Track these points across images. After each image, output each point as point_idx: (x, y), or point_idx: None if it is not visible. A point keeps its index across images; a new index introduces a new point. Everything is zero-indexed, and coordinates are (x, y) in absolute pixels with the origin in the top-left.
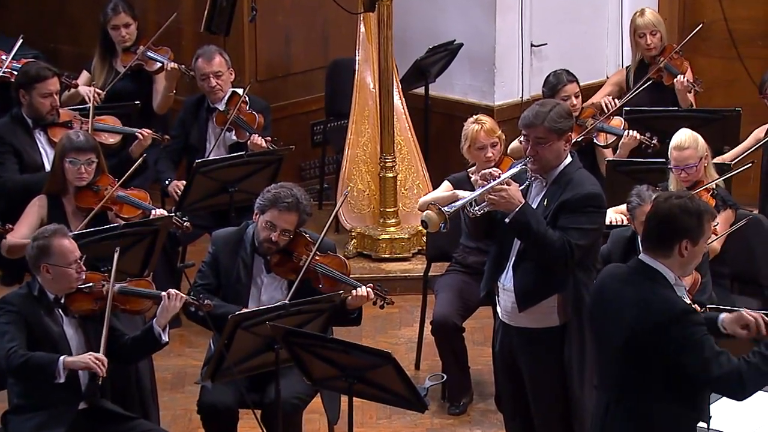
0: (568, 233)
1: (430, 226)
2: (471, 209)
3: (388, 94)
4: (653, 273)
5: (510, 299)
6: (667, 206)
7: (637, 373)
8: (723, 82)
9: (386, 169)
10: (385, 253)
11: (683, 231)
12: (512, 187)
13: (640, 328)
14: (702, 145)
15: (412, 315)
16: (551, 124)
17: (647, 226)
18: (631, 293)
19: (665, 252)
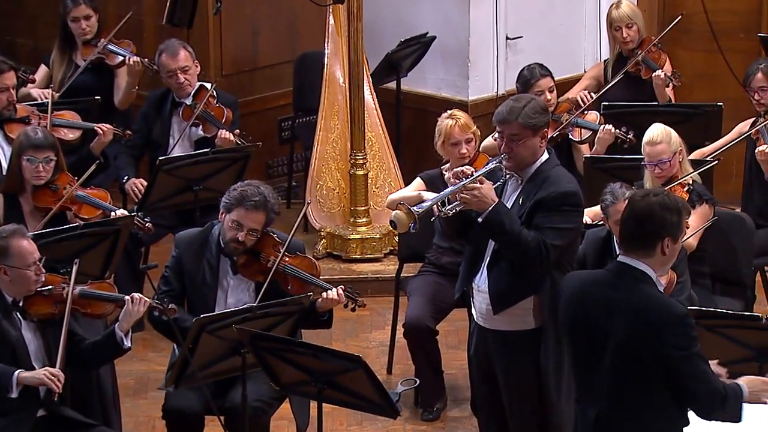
0: (543, 233)
1: (398, 226)
2: (443, 208)
3: (358, 88)
4: (640, 274)
5: (485, 301)
6: (646, 204)
7: (635, 382)
8: (704, 76)
9: (357, 167)
10: (356, 253)
11: (664, 229)
12: (485, 185)
13: (637, 335)
14: (675, 140)
15: (384, 318)
16: (526, 120)
17: (625, 226)
18: (622, 298)
19: (647, 252)
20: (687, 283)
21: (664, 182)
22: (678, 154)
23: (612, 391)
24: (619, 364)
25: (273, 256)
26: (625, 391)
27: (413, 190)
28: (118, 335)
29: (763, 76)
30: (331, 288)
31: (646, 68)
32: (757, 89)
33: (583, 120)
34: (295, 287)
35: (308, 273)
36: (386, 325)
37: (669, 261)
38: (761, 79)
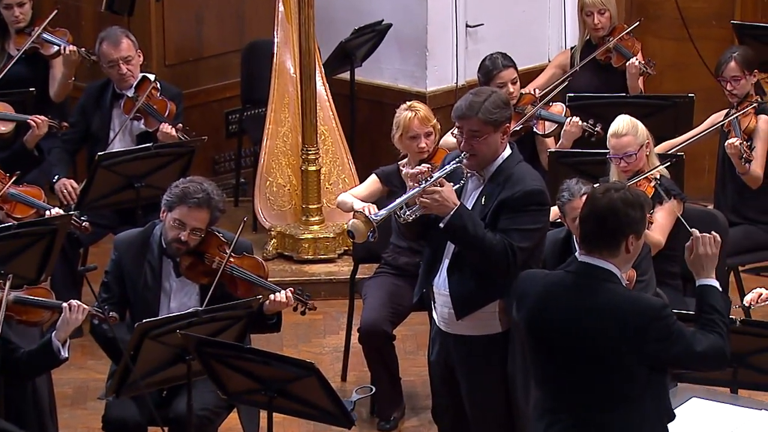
0: (509, 235)
1: (357, 236)
2: (402, 213)
3: (309, 79)
4: (604, 274)
5: (446, 304)
6: (607, 201)
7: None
8: (674, 65)
9: (308, 162)
10: (308, 254)
11: (628, 226)
12: (446, 188)
13: (613, 336)
14: (642, 132)
15: (338, 322)
16: (486, 115)
17: (586, 224)
18: (591, 301)
19: (611, 251)
20: (651, 282)
21: (630, 176)
22: (645, 147)
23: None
24: (596, 368)
25: (218, 257)
26: (604, 394)
27: (368, 188)
28: (55, 345)
29: (737, 65)
30: (280, 290)
31: (618, 56)
32: (730, 79)
33: (547, 112)
34: (242, 290)
35: (256, 275)
36: (340, 329)
37: (632, 258)
38: (734, 68)
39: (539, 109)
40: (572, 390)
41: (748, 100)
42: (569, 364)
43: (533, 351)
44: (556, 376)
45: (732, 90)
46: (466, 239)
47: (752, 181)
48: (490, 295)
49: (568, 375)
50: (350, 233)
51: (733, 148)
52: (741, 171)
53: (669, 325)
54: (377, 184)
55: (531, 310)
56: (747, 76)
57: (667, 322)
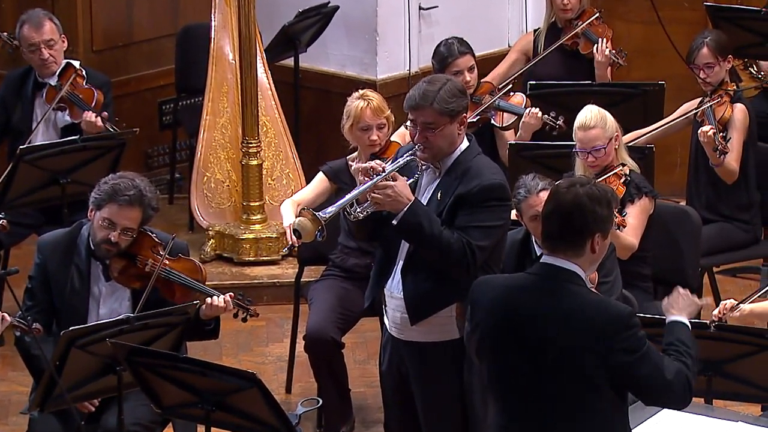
0: (467, 233)
1: (303, 235)
2: (352, 211)
3: (250, 66)
4: (569, 275)
5: (399, 309)
6: (572, 197)
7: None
8: (643, 51)
9: (249, 156)
10: (249, 255)
11: (595, 224)
12: (399, 182)
13: (578, 343)
14: (611, 124)
15: (282, 329)
16: (442, 105)
17: (549, 222)
18: (555, 304)
19: (576, 250)
20: (616, 284)
21: (597, 172)
22: (614, 140)
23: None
24: (559, 378)
25: (152, 259)
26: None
27: (314, 189)
28: None
29: (710, 51)
30: (218, 295)
31: (586, 42)
32: (703, 66)
33: (506, 103)
34: (178, 294)
35: (192, 278)
36: (284, 337)
37: (598, 259)
38: (707, 54)
39: (498, 99)
40: (534, 401)
41: (722, 88)
42: (531, 373)
43: (492, 359)
44: (516, 386)
45: (705, 78)
46: (421, 237)
47: (727, 175)
48: (446, 298)
49: (529, 385)
50: (296, 232)
51: (707, 138)
52: (715, 163)
53: (637, 337)
54: (325, 182)
55: (492, 313)
56: (721, 63)
57: (635, 332)
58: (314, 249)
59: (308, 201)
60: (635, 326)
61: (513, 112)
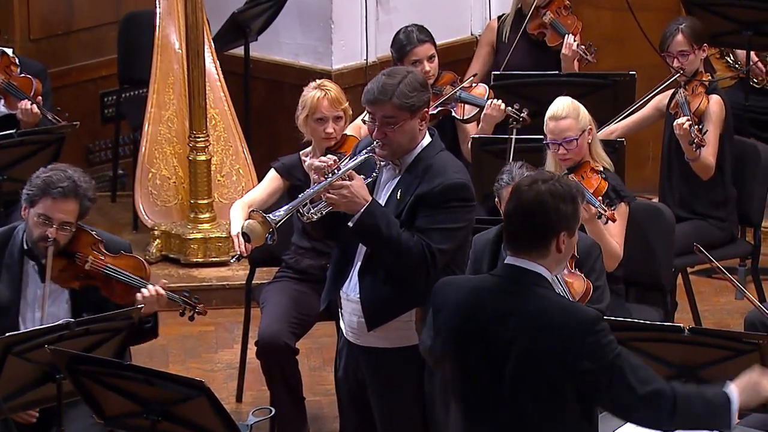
0: (427, 235)
1: (253, 238)
2: (305, 212)
3: (197, 55)
4: (535, 277)
5: (356, 313)
6: (534, 194)
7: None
8: (613, 39)
9: (197, 151)
10: (197, 256)
11: (559, 222)
12: (355, 181)
13: (542, 348)
14: (584, 116)
15: (233, 334)
16: (402, 99)
17: (512, 222)
18: (519, 307)
19: (541, 250)
20: (606, 290)
21: (570, 167)
22: (587, 133)
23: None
24: (524, 382)
25: (92, 256)
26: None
27: (266, 188)
28: None
29: (685, 38)
30: (150, 284)
31: (553, 33)
32: (677, 54)
33: (468, 94)
34: (119, 293)
35: (137, 276)
36: (235, 343)
37: (565, 258)
38: (682, 42)
39: (459, 90)
40: (498, 407)
41: (697, 78)
42: (495, 378)
43: (455, 364)
44: (479, 391)
45: (679, 67)
46: (379, 240)
47: (703, 170)
48: (405, 302)
49: (493, 391)
50: (245, 236)
51: (682, 130)
52: (690, 157)
53: (604, 342)
54: (277, 180)
55: (456, 316)
56: (696, 51)
57: (602, 338)
58: (266, 250)
59: (260, 201)
60: (602, 331)
61: (475, 104)
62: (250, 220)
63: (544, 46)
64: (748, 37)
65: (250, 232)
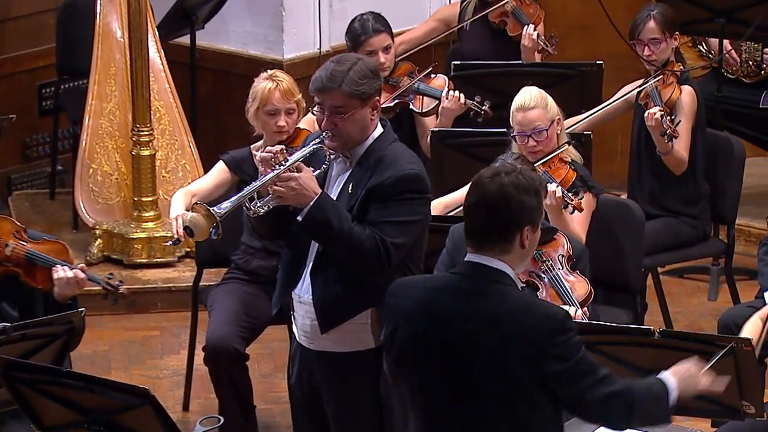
0: (380, 229)
1: (196, 233)
2: (252, 206)
3: (141, 44)
4: (498, 275)
5: (309, 315)
6: (497, 186)
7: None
8: (579, 27)
9: (140, 145)
10: (141, 257)
11: (523, 215)
12: (304, 174)
13: (507, 349)
14: (552, 106)
15: (179, 339)
16: (352, 87)
17: (473, 216)
18: (482, 306)
19: (503, 245)
20: None
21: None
22: (556, 123)
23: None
24: (488, 385)
25: (12, 240)
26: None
27: (213, 178)
28: None
29: (657, 25)
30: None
31: (515, 23)
32: (648, 42)
33: (426, 85)
34: (41, 278)
35: (59, 260)
36: (181, 348)
37: (528, 254)
38: (654, 29)
39: (417, 81)
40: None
41: (668, 69)
42: (457, 382)
43: (413, 369)
44: (440, 397)
45: (650, 56)
46: (330, 235)
47: (675, 165)
48: (360, 302)
49: (455, 395)
50: (187, 229)
51: (654, 120)
52: (663, 150)
53: (572, 343)
54: (225, 173)
55: (413, 317)
56: (668, 39)
57: (570, 338)
58: (214, 250)
59: (205, 192)
60: (570, 330)
61: (434, 96)
62: (193, 213)
63: (505, 34)
64: (721, 25)
65: (193, 226)
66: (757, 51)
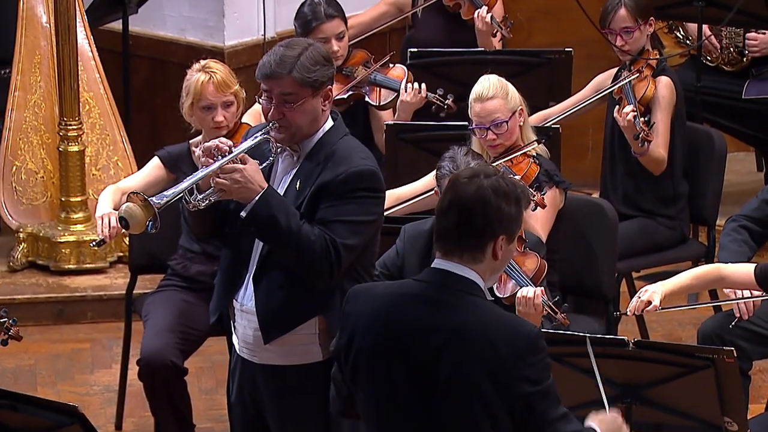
0: (330, 228)
1: (131, 224)
2: (191, 199)
3: (68, 30)
4: (467, 285)
5: (251, 325)
6: (475, 189)
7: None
8: (546, 12)
9: (68, 141)
10: (70, 262)
11: (500, 223)
12: (249, 166)
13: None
14: (514, 95)
15: (110, 352)
16: (303, 73)
17: (445, 220)
18: (448, 318)
19: (475, 253)
20: None
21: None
22: (518, 114)
23: None
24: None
25: None
26: None
27: (147, 175)
28: None
29: (628, 13)
30: None
31: (469, 6)
32: (620, 31)
33: (384, 77)
34: None
35: None
36: (114, 362)
37: (501, 267)
38: (625, 17)
39: (374, 71)
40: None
41: (643, 58)
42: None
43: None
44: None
45: (622, 45)
46: (275, 233)
47: (653, 165)
48: (306, 309)
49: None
50: (122, 220)
51: (626, 122)
52: (637, 152)
53: (544, 365)
54: (159, 169)
55: (371, 328)
56: (641, 27)
57: (542, 358)
58: (149, 254)
59: (138, 188)
60: (543, 350)
61: (391, 88)
62: (129, 203)
63: (461, 19)
64: (700, 9)
65: (129, 217)
66: (739, 36)
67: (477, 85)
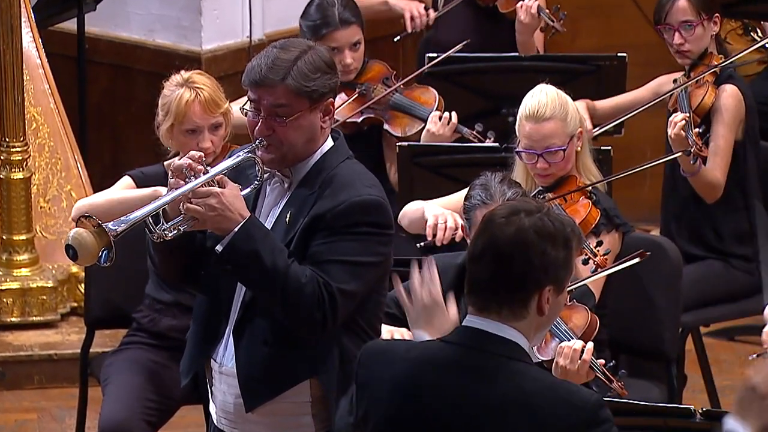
0: (325, 270)
1: (80, 253)
2: (156, 228)
3: (11, 32)
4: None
5: (232, 391)
6: (515, 230)
7: None
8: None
9: (11, 166)
10: (13, 315)
11: (546, 271)
12: (228, 190)
13: None
14: (574, 116)
15: (62, 424)
16: (300, 81)
17: (479, 266)
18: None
19: (516, 309)
20: None
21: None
22: (577, 138)
23: None
24: None
25: None
26: None
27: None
28: None
29: (689, 3)
30: None
31: None
32: (679, 26)
33: (410, 101)
34: None
35: None
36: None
37: (548, 324)
38: (685, 9)
39: (395, 90)
40: None
41: (705, 62)
42: None
43: None
44: None
45: (681, 44)
46: (258, 273)
47: (705, 189)
48: (296, 371)
49: None
50: (69, 249)
51: (675, 134)
52: (687, 170)
53: None
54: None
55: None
56: (705, 23)
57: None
58: (110, 304)
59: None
60: (606, 422)
61: (418, 117)
62: (79, 229)
63: (496, 14)
64: None
65: (78, 245)
66: None
67: (531, 98)
